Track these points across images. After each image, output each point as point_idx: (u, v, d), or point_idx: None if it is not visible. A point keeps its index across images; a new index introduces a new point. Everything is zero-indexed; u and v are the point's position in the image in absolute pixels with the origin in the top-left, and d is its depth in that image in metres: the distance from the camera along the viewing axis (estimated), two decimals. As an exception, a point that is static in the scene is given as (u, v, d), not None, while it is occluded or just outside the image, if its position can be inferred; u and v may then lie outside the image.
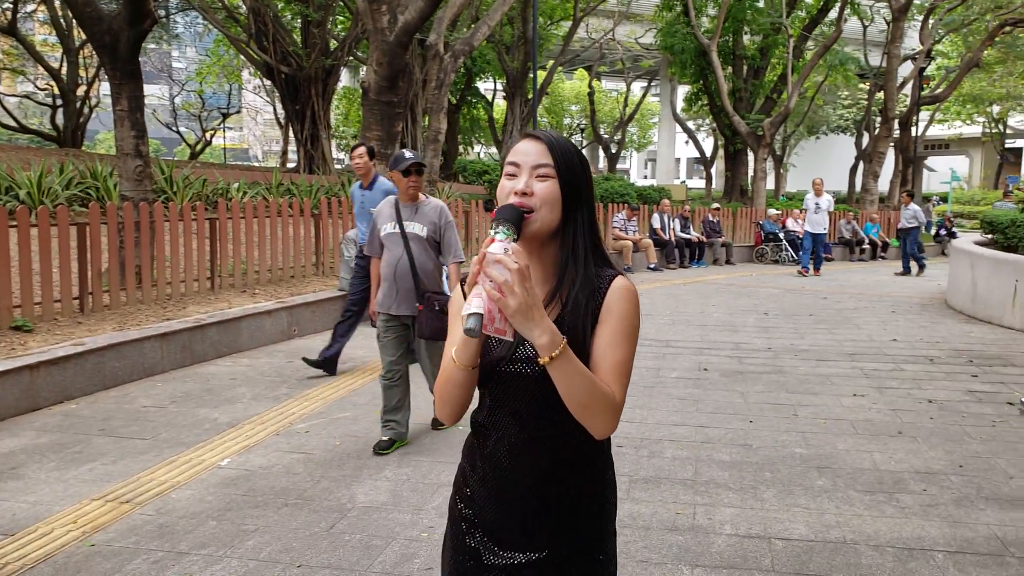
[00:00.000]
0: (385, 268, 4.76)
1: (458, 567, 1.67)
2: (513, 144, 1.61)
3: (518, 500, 1.60)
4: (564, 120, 43.92)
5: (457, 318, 1.59)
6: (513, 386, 1.57)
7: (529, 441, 1.59)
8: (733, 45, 26.25)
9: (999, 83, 34.41)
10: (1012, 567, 3.42)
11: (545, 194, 1.54)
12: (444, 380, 1.55)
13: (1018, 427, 5.41)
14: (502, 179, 1.59)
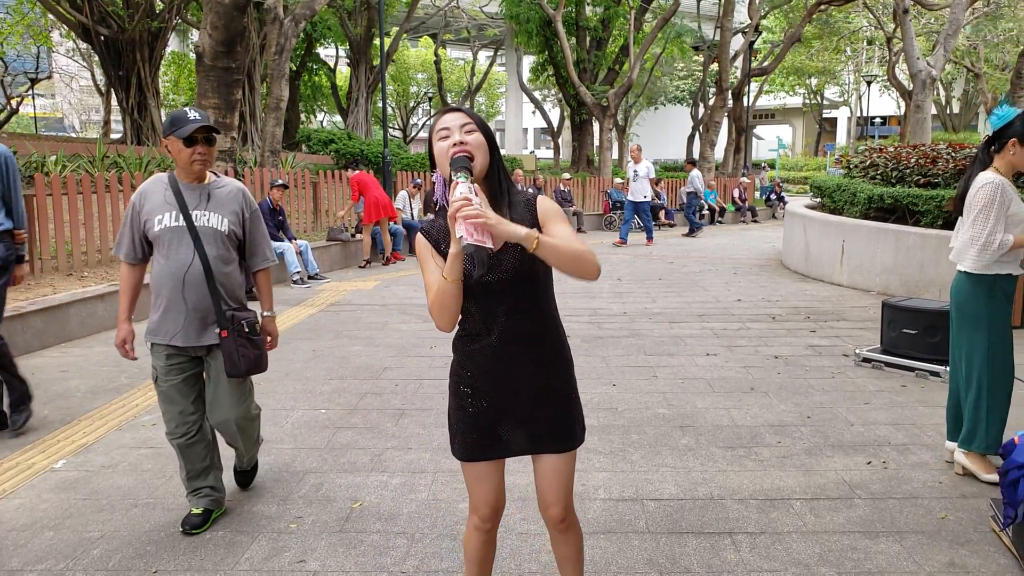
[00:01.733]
0: (163, 279, 3.27)
1: (470, 426, 2.26)
2: (435, 120, 2.15)
3: (515, 370, 2.21)
4: (411, 88, 43.20)
5: (427, 257, 2.16)
6: (496, 291, 2.13)
7: (515, 325, 2.18)
8: (576, 16, 26.62)
9: (817, 58, 36.93)
10: (859, 507, 3.63)
11: (476, 142, 2.10)
12: (441, 296, 2.04)
13: (854, 377, 5.80)
14: (436, 143, 2.11)
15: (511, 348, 2.20)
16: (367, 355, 6.46)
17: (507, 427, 2.25)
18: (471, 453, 2.28)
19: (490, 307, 2.17)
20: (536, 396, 2.25)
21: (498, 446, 2.27)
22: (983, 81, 33.11)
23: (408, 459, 4.23)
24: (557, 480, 2.32)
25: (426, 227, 2.23)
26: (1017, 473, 3.09)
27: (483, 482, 2.32)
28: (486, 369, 2.23)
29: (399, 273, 11.23)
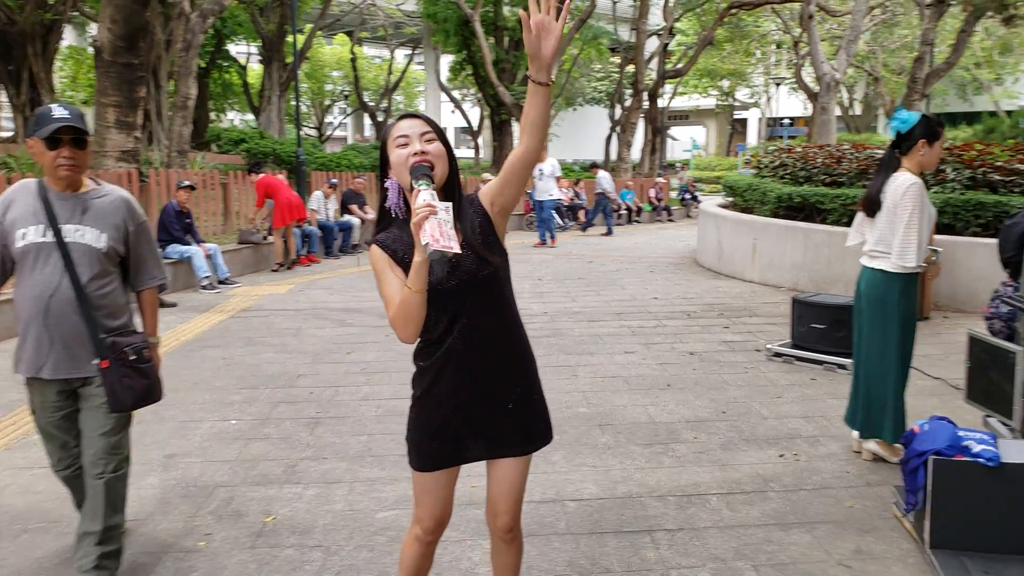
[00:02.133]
0: (25, 303, 2.82)
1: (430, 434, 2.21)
2: (392, 127, 2.12)
3: (479, 373, 2.18)
4: (326, 87, 42.42)
5: (385, 270, 2.12)
6: (457, 295, 2.11)
7: (477, 327, 2.15)
8: (495, 15, 26.62)
9: (728, 60, 37.94)
10: (773, 500, 3.72)
11: (437, 152, 2.08)
12: (405, 308, 2.01)
13: (766, 371, 5.95)
14: (393, 150, 2.08)
15: (474, 352, 2.18)
16: (280, 362, 6.28)
17: (469, 433, 2.22)
18: (428, 462, 2.24)
19: (451, 312, 2.15)
20: (501, 399, 2.23)
21: (458, 453, 2.24)
22: (882, 85, 34.63)
23: (323, 469, 4.12)
24: (511, 487, 2.31)
25: (381, 239, 2.18)
26: (917, 461, 3.20)
27: (433, 494, 2.29)
28: (449, 375, 2.19)
29: (314, 276, 10.98)
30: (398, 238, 2.15)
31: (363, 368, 6.07)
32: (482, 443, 2.23)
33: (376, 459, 4.24)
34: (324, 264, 12.26)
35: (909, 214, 3.84)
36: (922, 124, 3.91)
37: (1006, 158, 8.47)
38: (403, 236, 2.14)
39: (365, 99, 37.72)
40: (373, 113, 37.87)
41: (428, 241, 1.84)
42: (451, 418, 2.20)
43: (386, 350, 6.60)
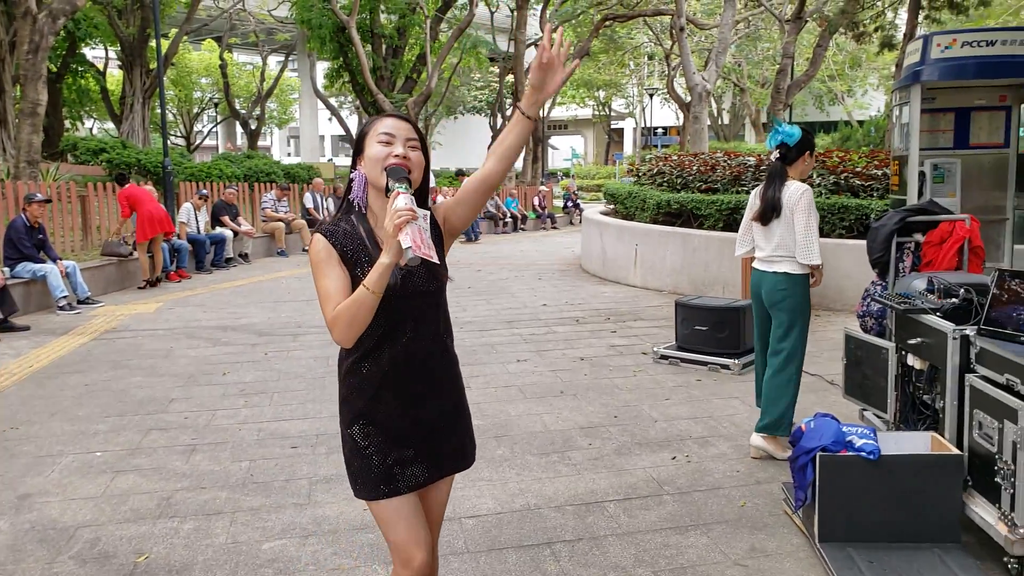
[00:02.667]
0: None
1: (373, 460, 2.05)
2: (377, 120, 2.05)
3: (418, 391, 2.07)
4: (194, 94, 40.66)
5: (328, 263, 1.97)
6: (406, 307, 2.02)
7: (419, 342, 2.06)
8: (371, 23, 26.26)
9: (604, 71, 38.95)
10: (668, 504, 3.74)
11: (417, 162, 2.02)
12: (357, 308, 1.88)
13: (654, 374, 6.04)
14: (375, 146, 1.99)
15: (413, 368, 2.06)
16: (150, 387, 5.87)
17: (410, 455, 2.08)
18: (383, 488, 2.05)
19: (396, 324, 2.02)
20: (437, 418, 2.12)
21: (405, 478, 2.07)
22: (748, 95, 36.42)
23: (202, 500, 3.84)
24: (443, 504, 2.24)
25: (328, 229, 2.01)
26: (806, 458, 3.29)
27: (406, 520, 2.06)
28: (386, 393, 2.05)
29: (185, 293, 10.42)
30: (347, 233, 2.01)
31: (241, 389, 5.76)
32: (424, 466, 2.10)
33: (259, 486, 4.00)
34: (195, 279, 11.66)
35: (807, 216, 4.09)
36: (804, 137, 4.19)
37: (864, 164, 9.01)
38: (353, 232, 2.01)
39: (236, 107, 36.40)
40: (245, 121, 36.57)
41: (410, 246, 1.78)
42: (389, 440, 2.06)
43: (266, 369, 6.30)
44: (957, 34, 5.30)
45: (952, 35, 5.29)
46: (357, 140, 2.07)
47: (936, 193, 5.34)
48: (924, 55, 5.31)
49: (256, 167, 17.74)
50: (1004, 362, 2.88)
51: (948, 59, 5.22)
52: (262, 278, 11.87)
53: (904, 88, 5.52)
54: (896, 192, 5.77)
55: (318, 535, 3.46)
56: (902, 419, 3.75)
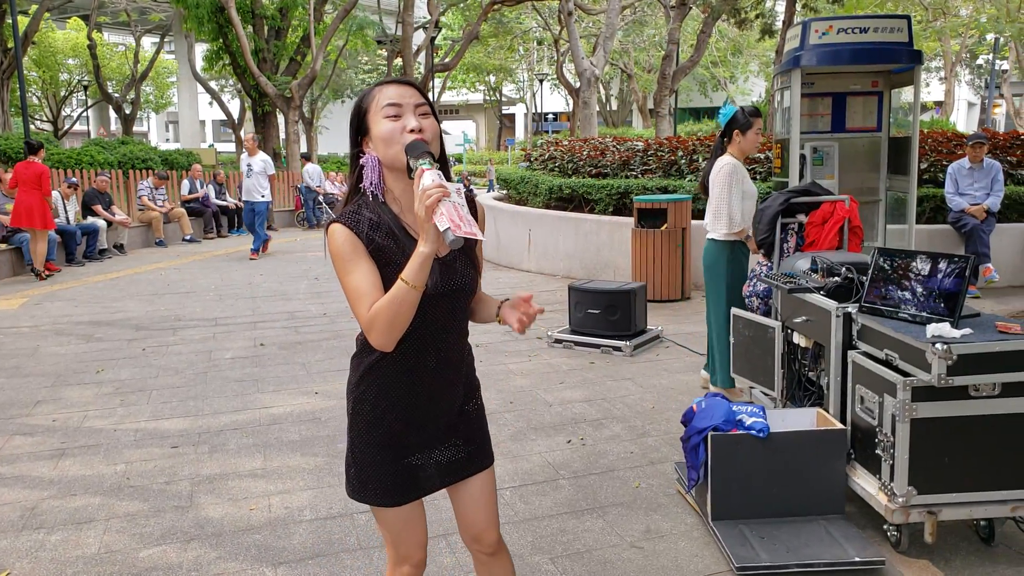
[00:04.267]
0: None
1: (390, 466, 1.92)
2: (377, 91, 1.81)
3: (445, 395, 1.95)
4: (61, 76, 38.12)
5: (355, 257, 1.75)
6: (444, 304, 1.84)
7: (451, 343, 1.92)
8: (252, 3, 25.25)
9: (493, 56, 38.91)
10: (564, 488, 3.73)
11: (433, 129, 1.80)
12: (397, 305, 1.69)
13: (548, 358, 6.05)
14: (380, 120, 1.77)
15: (445, 371, 1.93)
16: (13, 388, 5.44)
17: (430, 460, 1.97)
18: (397, 496, 1.94)
19: (433, 322, 1.85)
20: (459, 420, 2.01)
21: (422, 483, 1.97)
22: (635, 81, 37.17)
23: (72, 508, 3.57)
24: (487, 500, 2.07)
25: (349, 218, 1.78)
26: (698, 438, 3.32)
27: (412, 525, 2.00)
28: (415, 398, 1.91)
29: (53, 287, 9.75)
30: (370, 222, 1.78)
31: (117, 388, 5.41)
32: (443, 469, 2.00)
33: (136, 490, 3.75)
34: (65, 272, 10.93)
35: (720, 189, 4.54)
36: (734, 117, 4.59)
37: (747, 148, 9.29)
38: (376, 220, 1.79)
39: (109, 90, 34.37)
40: (119, 105, 34.58)
41: (448, 227, 1.57)
42: (410, 445, 1.94)
43: (144, 366, 5.95)
44: (833, 21, 5.51)
45: (829, 22, 5.50)
46: (356, 118, 1.84)
47: (816, 175, 5.56)
48: (803, 41, 5.50)
49: (131, 153, 16.74)
50: (883, 338, 2.98)
51: (825, 45, 5.42)
52: (139, 270, 11.26)
53: (785, 73, 5.70)
54: (779, 175, 5.97)
55: (201, 539, 3.27)
56: (789, 396, 3.86)
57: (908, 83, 5.93)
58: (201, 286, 9.66)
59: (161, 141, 55.77)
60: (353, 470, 1.96)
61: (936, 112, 29.42)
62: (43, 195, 10.21)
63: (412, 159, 1.70)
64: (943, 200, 8.02)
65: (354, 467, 1.96)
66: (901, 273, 3.07)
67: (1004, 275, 8.13)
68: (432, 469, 1.97)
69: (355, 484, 1.96)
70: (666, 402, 4.94)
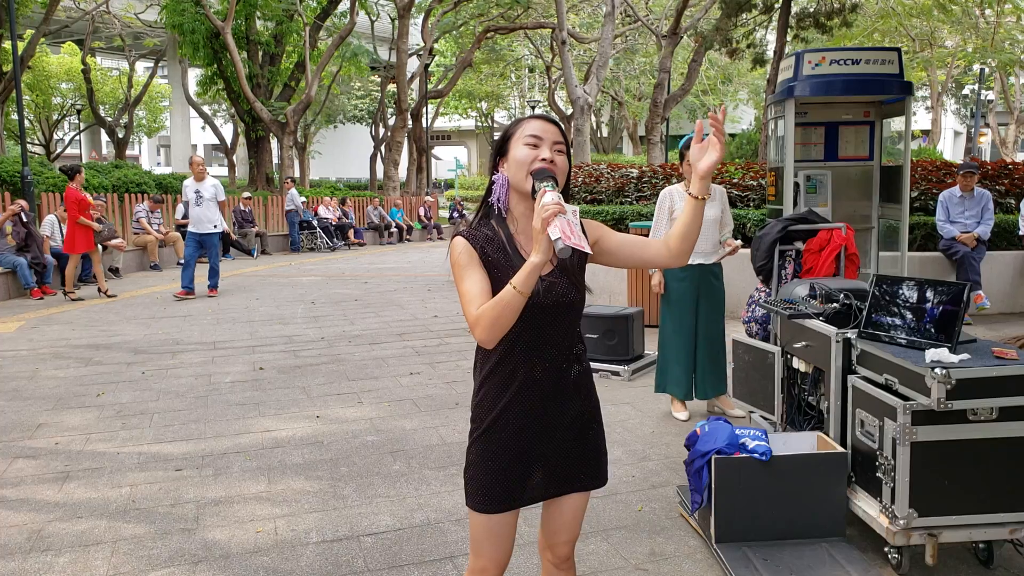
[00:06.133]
0: None
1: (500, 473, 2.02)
2: (524, 122, 2.01)
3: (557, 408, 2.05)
4: (54, 99, 38.16)
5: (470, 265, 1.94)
6: (548, 316, 1.98)
7: (560, 356, 2.04)
8: (247, 29, 25.46)
9: (486, 83, 39.24)
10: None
11: (563, 166, 1.98)
12: (504, 308, 1.83)
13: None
14: (521, 148, 1.96)
15: (553, 384, 2.04)
16: (14, 411, 5.44)
17: (540, 470, 2.06)
18: (497, 503, 2.03)
19: (540, 336, 2.00)
20: (575, 436, 2.09)
21: (528, 492, 2.06)
22: (625, 108, 37.55)
23: (78, 530, 3.58)
24: (576, 517, 2.17)
25: (469, 233, 2.00)
26: (701, 461, 3.38)
27: (500, 537, 2.08)
28: (527, 408, 2.03)
29: (50, 311, 9.75)
30: (487, 238, 1.99)
31: (119, 411, 5.42)
32: (552, 481, 2.08)
33: (142, 512, 3.77)
34: (61, 296, 10.93)
35: (656, 215, 4.93)
36: (686, 144, 4.73)
37: (740, 175, 9.43)
38: (493, 236, 1.99)
39: (102, 114, 34.44)
40: (112, 129, 34.64)
41: (560, 236, 1.72)
42: (521, 455, 2.03)
43: (144, 389, 5.96)
44: (826, 52, 5.64)
45: (822, 53, 5.63)
46: (501, 142, 2.03)
47: (809, 203, 5.66)
48: (796, 72, 5.63)
49: (126, 177, 16.78)
50: (883, 363, 3.05)
51: (818, 76, 5.55)
52: (135, 293, 11.26)
53: (779, 102, 5.83)
54: (773, 202, 6.07)
55: (208, 561, 3.28)
56: (789, 420, 3.92)
57: (899, 113, 6.07)
58: (198, 310, 9.67)
59: (152, 165, 55.77)
60: (465, 473, 2.10)
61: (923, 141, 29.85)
62: (72, 219, 10.30)
63: (537, 182, 1.88)
64: (934, 228, 8.15)
65: (469, 474, 2.08)
66: (899, 299, 3.15)
67: (995, 302, 8.25)
68: (540, 480, 2.07)
69: (468, 490, 2.08)
70: (665, 426, 4.99)
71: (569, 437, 2.10)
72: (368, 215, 21.26)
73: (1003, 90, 31.53)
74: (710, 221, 4.84)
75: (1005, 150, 31.22)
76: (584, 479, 2.14)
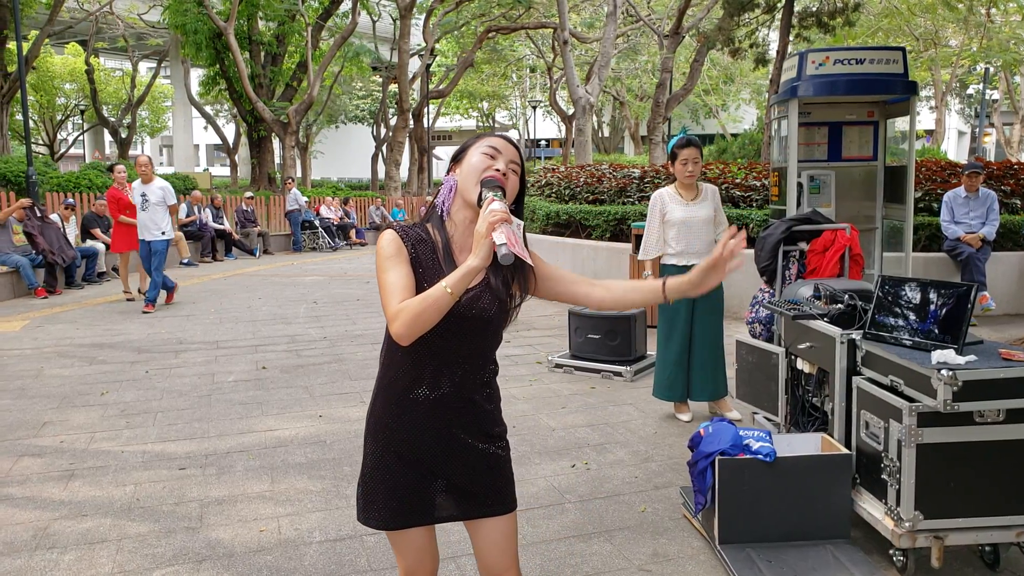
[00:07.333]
0: None
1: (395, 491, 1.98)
2: (486, 136, 1.99)
3: (460, 426, 1.99)
4: (58, 100, 38.24)
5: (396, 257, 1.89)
6: (467, 330, 1.93)
7: (471, 374, 1.98)
8: (249, 30, 25.49)
9: (487, 83, 39.24)
10: (570, 512, 3.76)
11: (513, 187, 1.96)
12: (427, 305, 1.77)
13: (549, 383, 6.09)
14: (477, 155, 1.94)
15: (460, 402, 1.98)
16: (19, 410, 5.45)
17: (441, 491, 2.01)
18: (398, 521, 2.00)
19: (451, 348, 1.94)
20: (476, 459, 2.02)
21: (429, 512, 2.01)
22: (627, 108, 37.52)
23: (83, 528, 3.59)
24: (507, 543, 2.08)
25: (401, 228, 1.94)
26: (705, 462, 3.37)
27: (418, 550, 2.06)
28: (426, 425, 1.96)
29: (53, 310, 9.76)
30: (419, 237, 1.94)
31: (123, 410, 5.43)
32: (454, 503, 2.02)
33: (146, 511, 3.77)
34: (65, 295, 10.95)
35: (648, 218, 5.01)
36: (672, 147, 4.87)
37: (742, 176, 9.43)
38: (426, 238, 1.95)
39: (105, 114, 34.49)
40: (115, 129, 34.69)
41: (504, 242, 1.72)
42: (419, 474, 1.99)
43: (148, 388, 5.97)
44: (830, 52, 5.63)
45: (825, 53, 5.62)
46: (459, 150, 2.01)
47: (812, 203, 5.65)
48: (800, 71, 5.62)
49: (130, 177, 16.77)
50: (888, 364, 3.05)
51: (822, 75, 5.54)
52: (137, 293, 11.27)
53: (782, 102, 5.82)
54: (776, 202, 6.06)
55: (212, 559, 3.29)
56: (792, 421, 3.92)
57: (903, 113, 6.05)
58: (202, 310, 9.68)
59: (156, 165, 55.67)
60: (360, 490, 2.03)
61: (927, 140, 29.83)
62: (113, 219, 10.38)
63: (486, 190, 1.86)
64: (939, 228, 8.14)
65: (361, 487, 2.03)
66: (904, 300, 3.15)
67: (1000, 303, 8.24)
68: (443, 499, 2.01)
69: (360, 505, 2.03)
70: (668, 427, 4.99)
71: (480, 457, 2.02)
72: (370, 215, 21.26)
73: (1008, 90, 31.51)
74: (703, 221, 4.83)
75: (1010, 150, 31.19)
76: (496, 502, 2.06)
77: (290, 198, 18.38)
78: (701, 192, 4.85)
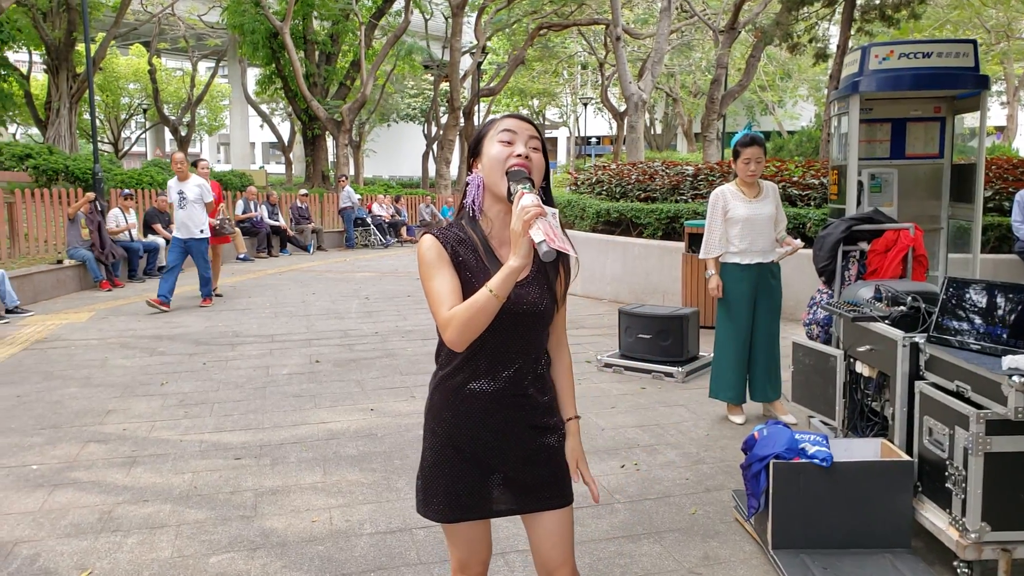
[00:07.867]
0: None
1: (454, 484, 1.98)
2: (497, 120, 1.94)
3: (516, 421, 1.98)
4: (122, 99, 39.38)
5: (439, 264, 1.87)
6: (518, 326, 1.91)
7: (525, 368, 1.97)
8: (304, 29, 25.89)
9: (538, 80, 39.19)
10: (620, 512, 3.73)
11: (538, 164, 1.92)
12: (478, 311, 1.77)
13: (598, 382, 6.05)
14: (493, 143, 1.90)
15: (516, 395, 1.97)
16: (86, 397, 5.63)
17: (498, 484, 2.01)
18: (456, 514, 2.00)
19: (505, 344, 1.93)
20: (533, 451, 2.01)
21: (486, 506, 2.01)
22: (680, 105, 37.11)
23: (145, 513, 3.69)
24: (563, 537, 2.07)
25: (439, 231, 1.92)
26: (759, 465, 3.32)
27: (472, 542, 2.07)
28: (483, 419, 1.97)
29: (117, 302, 10.05)
30: (458, 238, 1.91)
31: (181, 400, 5.57)
32: (512, 496, 2.02)
33: (204, 498, 3.86)
34: (128, 288, 11.27)
35: (708, 217, 4.90)
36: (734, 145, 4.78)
37: (800, 174, 9.23)
38: (465, 238, 1.92)
39: (166, 113, 35.40)
40: (175, 127, 35.59)
41: (543, 239, 1.67)
42: (476, 467, 1.99)
43: (205, 379, 6.11)
44: (895, 45, 5.45)
45: (890, 47, 5.45)
46: (474, 142, 1.98)
47: (873, 202, 5.50)
48: (862, 66, 5.46)
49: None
50: (955, 369, 2.95)
51: (885, 70, 5.37)
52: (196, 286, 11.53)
53: (843, 98, 5.67)
54: (835, 201, 5.91)
55: (266, 548, 3.35)
56: (850, 426, 3.83)
57: (973, 109, 5.84)
58: (258, 304, 9.87)
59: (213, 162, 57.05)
60: (420, 483, 2.04)
61: (997, 137, 28.82)
62: None
63: (513, 184, 1.81)
64: (1009, 229, 7.84)
65: (420, 480, 2.04)
66: (971, 303, 3.05)
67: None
68: (500, 492, 2.01)
69: (420, 497, 2.03)
70: (720, 429, 4.91)
71: (529, 455, 2.02)
72: (420, 213, 21.42)
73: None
74: (766, 219, 4.75)
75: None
76: (554, 495, 2.05)
77: (343, 195, 18.62)
78: (763, 190, 4.78)
